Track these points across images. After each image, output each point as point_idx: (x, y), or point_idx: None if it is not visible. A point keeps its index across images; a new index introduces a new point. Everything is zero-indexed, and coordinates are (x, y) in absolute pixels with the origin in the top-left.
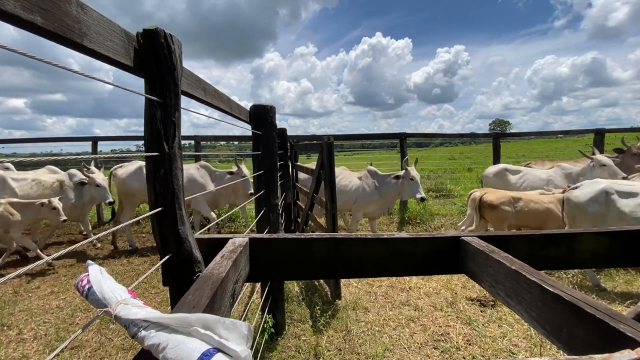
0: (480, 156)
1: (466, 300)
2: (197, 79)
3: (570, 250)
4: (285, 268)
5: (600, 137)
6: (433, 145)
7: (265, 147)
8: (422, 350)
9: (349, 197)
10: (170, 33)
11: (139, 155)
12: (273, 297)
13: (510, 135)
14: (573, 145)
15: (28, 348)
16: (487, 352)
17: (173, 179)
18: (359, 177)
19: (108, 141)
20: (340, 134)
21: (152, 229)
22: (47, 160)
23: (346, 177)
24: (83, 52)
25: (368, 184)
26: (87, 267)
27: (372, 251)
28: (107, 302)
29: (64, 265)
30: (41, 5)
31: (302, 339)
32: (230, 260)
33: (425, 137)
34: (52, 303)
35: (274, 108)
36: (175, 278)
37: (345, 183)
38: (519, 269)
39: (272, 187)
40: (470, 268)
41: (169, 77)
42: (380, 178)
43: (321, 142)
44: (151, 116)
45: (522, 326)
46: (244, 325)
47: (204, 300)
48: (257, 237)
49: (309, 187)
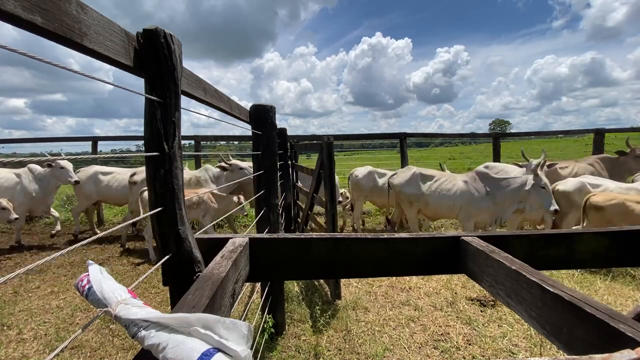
0: (480, 156)
1: (466, 300)
2: (197, 79)
3: (570, 250)
4: (285, 268)
5: (600, 137)
6: (433, 145)
7: (265, 147)
8: (422, 350)
9: (452, 203)
10: (170, 33)
11: (139, 155)
12: (273, 297)
13: (510, 135)
14: (573, 145)
15: (28, 348)
16: (487, 352)
17: (173, 179)
18: (464, 180)
19: (108, 141)
20: (340, 134)
21: (152, 229)
22: (47, 160)
23: (448, 180)
24: (83, 52)
25: (477, 189)
26: (87, 267)
27: (372, 251)
28: (107, 302)
29: (64, 265)
30: (41, 5)
31: (302, 339)
32: (230, 260)
33: (425, 137)
34: (52, 303)
35: (274, 108)
36: (175, 278)
37: (447, 187)
38: (519, 269)
39: (272, 187)
40: (470, 268)
41: (169, 77)
42: (492, 182)
43: (321, 142)
44: (151, 116)
45: (522, 326)
46: (244, 325)
47: (204, 300)
48: (257, 237)
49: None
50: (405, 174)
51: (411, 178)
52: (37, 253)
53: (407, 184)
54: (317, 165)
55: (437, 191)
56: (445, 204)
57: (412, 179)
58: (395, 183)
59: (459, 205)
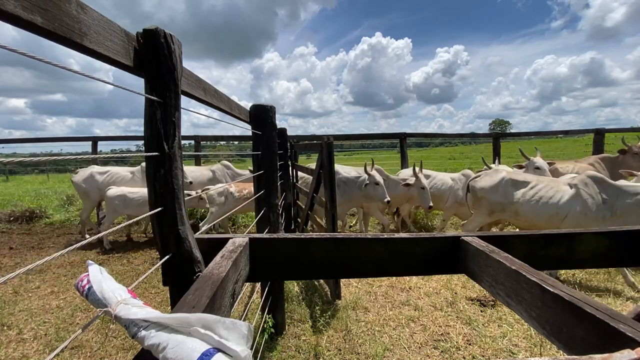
0: (480, 156)
1: (466, 300)
2: (197, 78)
3: (570, 250)
4: (285, 268)
5: (600, 137)
6: (433, 145)
7: (265, 147)
8: (422, 350)
9: (555, 211)
10: (170, 33)
11: (139, 155)
12: (273, 297)
13: (510, 135)
14: (573, 145)
15: (28, 348)
16: (487, 352)
17: (173, 179)
18: (571, 183)
19: (108, 141)
20: (340, 134)
21: (152, 229)
22: (47, 160)
23: (550, 186)
24: (83, 52)
25: (591, 195)
26: (87, 267)
27: (372, 251)
28: (107, 302)
29: (64, 265)
30: (41, 5)
31: (302, 339)
32: (230, 260)
33: (425, 137)
34: (52, 303)
35: (274, 108)
36: (175, 278)
37: (549, 193)
38: (519, 269)
39: (272, 187)
40: (470, 268)
41: (169, 77)
42: (611, 189)
43: (321, 142)
44: (151, 116)
45: (522, 326)
46: (244, 325)
47: (204, 300)
48: (257, 237)
49: None
50: (493, 178)
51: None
52: (37, 253)
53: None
54: (317, 165)
55: (536, 200)
56: (544, 213)
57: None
58: (478, 187)
59: (563, 215)
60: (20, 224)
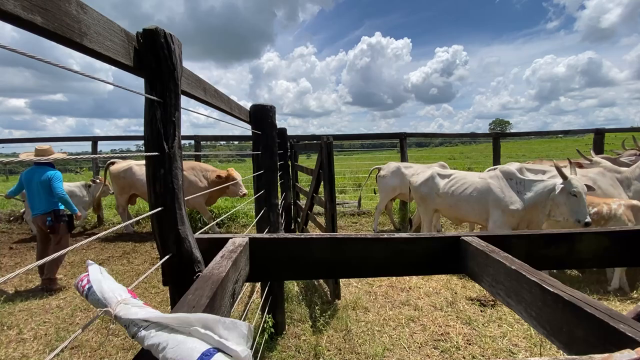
0: (480, 156)
1: (466, 300)
2: (197, 78)
3: (570, 250)
4: (285, 268)
5: (600, 137)
6: (433, 145)
7: (265, 147)
8: (422, 350)
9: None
10: (170, 33)
11: (139, 155)
12: (273, 297)
13: (510, 135)
14: (573, 145)
15: (28, 348)
16: (487, 351)
17: (173, 178)
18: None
19: (108, 141)
20: (340, 134)
21: (152, 228)
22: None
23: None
24: (83, 52)
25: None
26: (87, 266)
27: (372, 251)
28: (107, 302)
29: (64, 265)
30: (41, 5)
31: (302, 339)
32: (230, 260)
33: (425, 137)
34: (52, 303)
35: (274, 108)
36: (175, 278)
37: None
38: (519, 268)
39: (272, 187)
40: (470, 268)
41: (169, 77)
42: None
43: (321, 142)
44: (151, 116)
45: (522, 326)
46: (244, 325)
47: (204, 300)
48: (257, 237)
49: None
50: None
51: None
52: None
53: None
54: (316, 165)
55: None
56: None
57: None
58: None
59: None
60: (20, 224)
